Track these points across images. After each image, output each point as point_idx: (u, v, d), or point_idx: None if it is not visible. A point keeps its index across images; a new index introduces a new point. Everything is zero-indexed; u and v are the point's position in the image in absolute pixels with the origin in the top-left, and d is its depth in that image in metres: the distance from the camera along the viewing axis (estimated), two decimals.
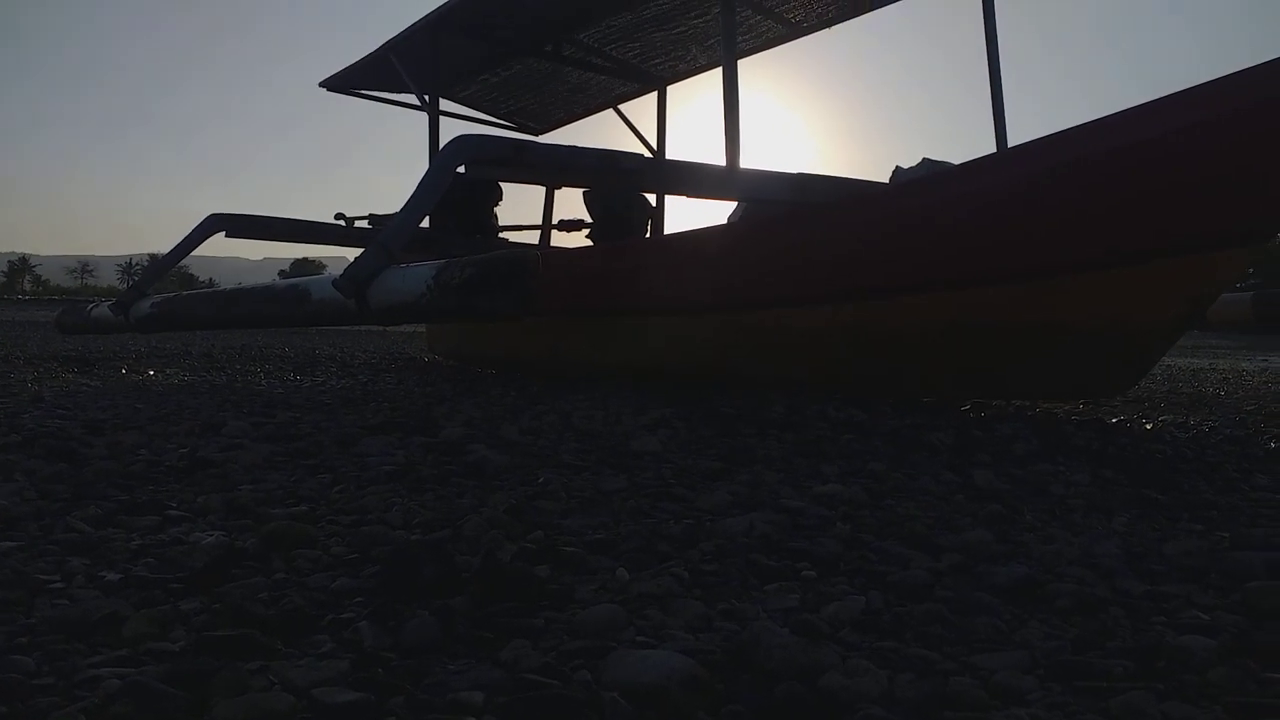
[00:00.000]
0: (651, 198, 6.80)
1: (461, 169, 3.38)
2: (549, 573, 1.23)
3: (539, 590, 1.15)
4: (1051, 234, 3.11)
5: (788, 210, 3.87)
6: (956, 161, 3.81)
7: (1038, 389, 3.53)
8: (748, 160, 4.00)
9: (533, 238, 7.07)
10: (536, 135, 7.91)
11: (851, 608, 1.10)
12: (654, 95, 7.11)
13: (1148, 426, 3.24)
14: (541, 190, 7.05)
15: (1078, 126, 3.13)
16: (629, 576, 1.22)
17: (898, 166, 4.27)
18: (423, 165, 4.63)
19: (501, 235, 6.69)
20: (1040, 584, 1.21)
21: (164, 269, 5.58)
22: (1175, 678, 0.91)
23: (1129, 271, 3.05)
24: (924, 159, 4.18)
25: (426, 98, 6.19)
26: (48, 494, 1.66)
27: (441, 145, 3.64)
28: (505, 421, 2.76)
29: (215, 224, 5.00)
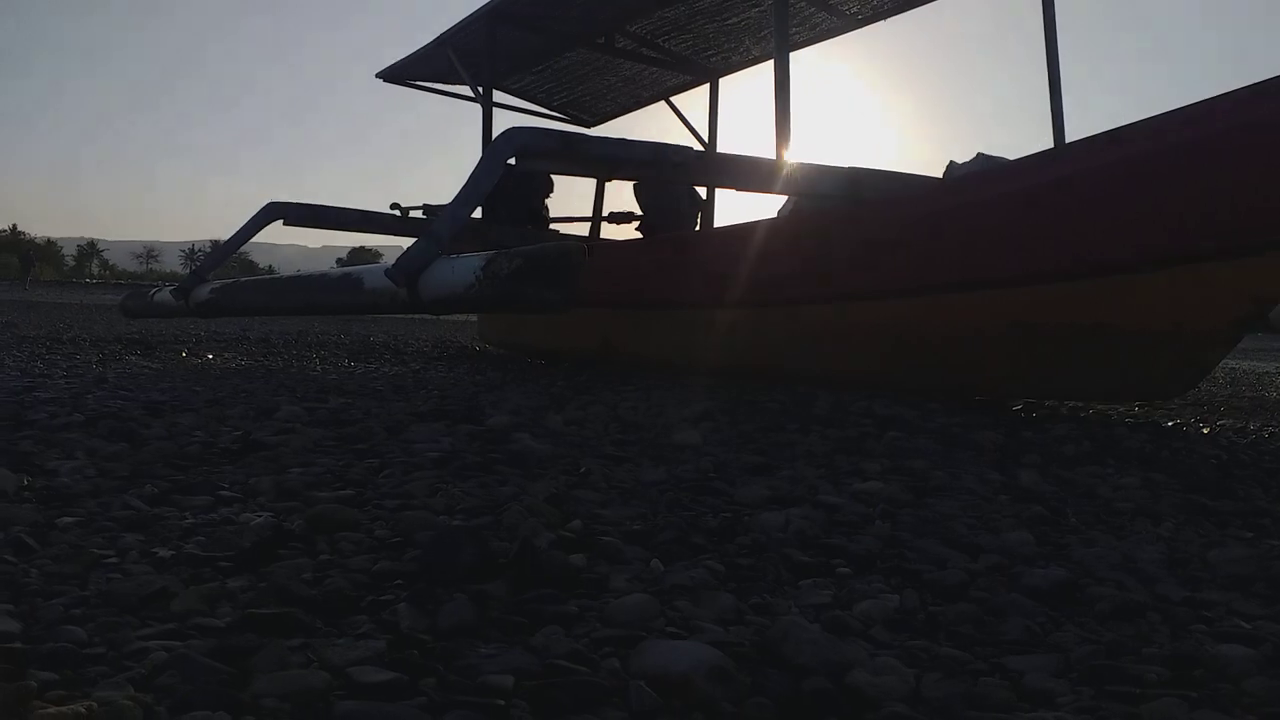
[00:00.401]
0: (702, 191, 6.79)
1: (512, 161, 3.41)
2: (585, 561, 1.25)
3: (574, 578, 1.17)
4: (1108, 232, 3.05)
5: (838, 205, 3.85)
6: (1012, 157, 3.75)
7: (1093, 390, 3.47)
8: (799, 154, 3.98)
9: (583, 230, 7.11)
10: (589, 127, 7.94)
11: (884, 606, 1.10)
12: (706, 87, 7.10)
13: (1204, 430, 3.17)
14: (593, 182, 7.08)
15: (1136, 123, 3.07)
16: (663, 568, 1.24)
17: (952, 161, 4.21)
18: (476, 156, 4.68)
19: (552, 227, 6.74)
20: (1078, 587, 1.20)
21: (223, 256, 5.72)
22: (1210, 686, 0.90)
23: (1188, 272, 2.98)
24: (979, 154, 4.12)
25: (480, 89, 6.26)
26: (106, 472, 1.72)
27: (494, 137, 3.68)
28: (550, 411, 2.79)
29: (273, 212, 5.11)
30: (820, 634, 0.94)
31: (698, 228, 6.70)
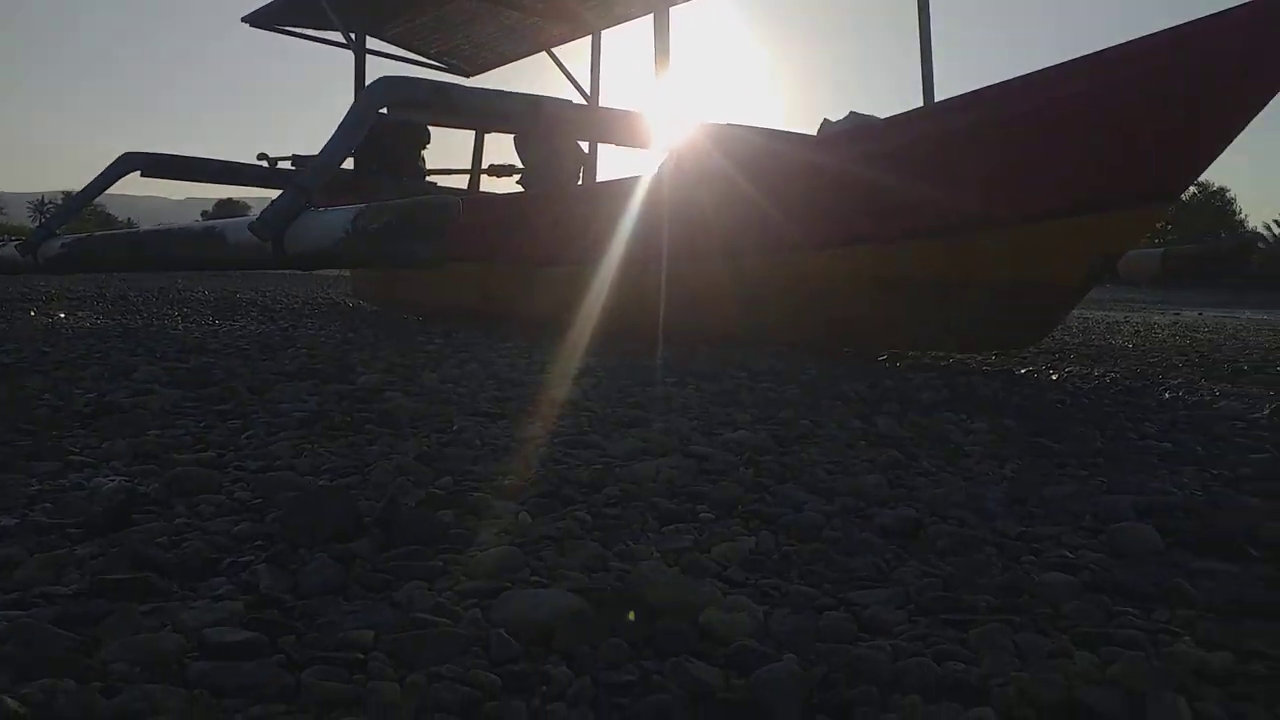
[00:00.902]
0: (585, 144, 6.74)
1: (385, 111, 3.32)
2: (453, 517, 1.25)
3: (441, 534, 1.17)
4: (969, 190, 3.18)
5: (716, 162, 3.89)
6: (883, 116, 3.85)
7: (952, 341, 3.64)
8: (680, 110, 4.00)
9: (462, 182, 6.97)
10: (467, 78, 7.75)
11: (741, 548, 1.14)
12: (589, 40, 7.02)
13: (1053, 377, 3.37)
14: (472, 133, 6.94)
15: (995, 85, 3.20)
16: (531, 520, 1.25)
17: (826, 119, 4.29)
18: (349, 105, 4.52)
19: (430, 179, 6.58)
20: (924, 525, 1.28)
21: (76, 209, 5.39)
22: (1033, 611, 0.98)
23: (1040, 228, 3.14)
24: (851, 112, 4.21)
25: (353, 36, 6.03)
26: None
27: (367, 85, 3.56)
28: (426, 369, 2.76)
29: (130, 163, 4.83)
30: (677, 576, 0.98)
31: (580, 182, 6.66)
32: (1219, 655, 0.85)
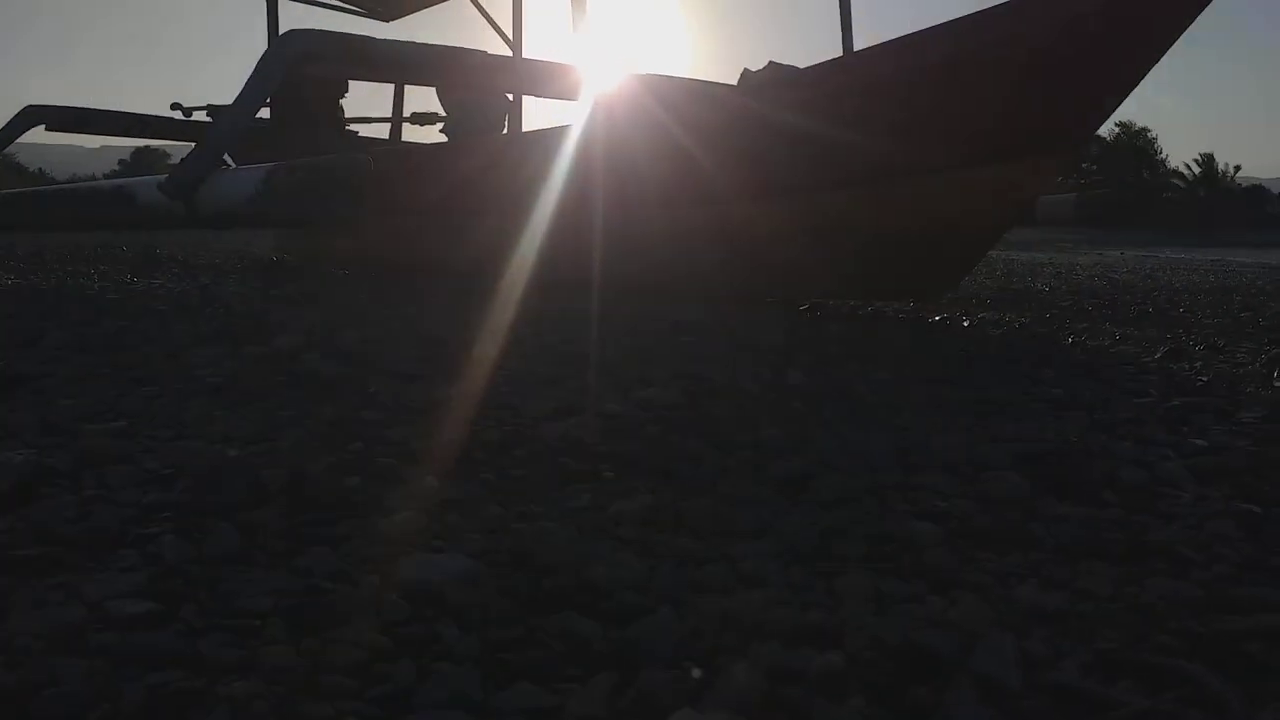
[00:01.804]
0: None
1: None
2: (359, 483, 1.29)
3: (346, 501, 1.21)
4: (884, 140, 3.24)
5: (639, 112, 3.89)
6: (802, 66, 3.89)
7: (872, 290, 3.73)
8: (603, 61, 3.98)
9: (383, 131, 6.83)
10: (385, 21, 7.54)
11: (637, 505, 1.20)
12: None
13: (965, 324, 3.48)
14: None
15: (911, 34, 3.25)
16: (437, 484, 1.30)
17: (746, 69, 4.31)
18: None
19: (350, 129, 6.45)
20: (813, 477, 1.35)
21: None
22: (898, 559, 1.05)
23: (952, 177, 3.22)
24: (770, 62, 4.23)
25: None
26: None
27: (281, 30, 3.47)
28: (347, 328, 2.76)
29: (31, 118, 4.64)
30: (568, 536, 1.03)
31: (505, 131, 6.58)
32: (1054, 595, 0.94)
